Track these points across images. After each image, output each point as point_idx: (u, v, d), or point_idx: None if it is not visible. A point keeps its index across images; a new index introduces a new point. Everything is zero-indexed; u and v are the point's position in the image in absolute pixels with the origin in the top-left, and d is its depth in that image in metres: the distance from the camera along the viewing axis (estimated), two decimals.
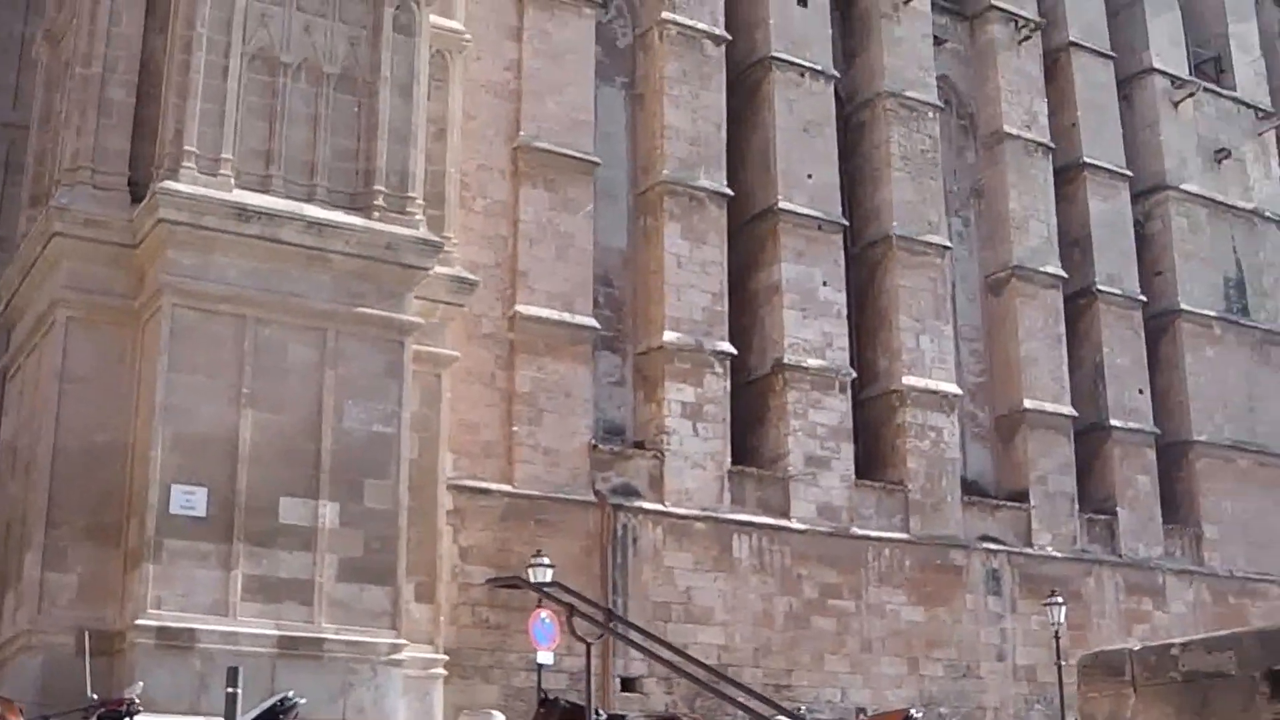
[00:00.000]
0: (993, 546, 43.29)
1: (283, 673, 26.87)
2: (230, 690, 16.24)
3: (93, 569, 27.66)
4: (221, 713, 25.64)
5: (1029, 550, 44.00)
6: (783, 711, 23.65)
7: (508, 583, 30.06)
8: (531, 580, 31.55)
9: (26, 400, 30.83)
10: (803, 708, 33.14)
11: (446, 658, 31.76)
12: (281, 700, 23.19)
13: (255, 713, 23.14)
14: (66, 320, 28.95)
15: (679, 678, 36.33)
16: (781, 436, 40.47)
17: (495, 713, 14.08)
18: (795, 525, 39.67)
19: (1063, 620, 38.87)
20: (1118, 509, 46.52)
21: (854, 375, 42.20)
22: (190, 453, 27.48)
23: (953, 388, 43.75)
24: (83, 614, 27.12)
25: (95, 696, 23.34)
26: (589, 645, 12.13)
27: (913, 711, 28.99)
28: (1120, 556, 46.01)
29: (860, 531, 40.83)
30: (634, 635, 16.08)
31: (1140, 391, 48.27)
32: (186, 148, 28.65)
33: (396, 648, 28.58)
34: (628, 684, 36.22)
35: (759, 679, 37.78)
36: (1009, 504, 44.63)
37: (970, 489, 44.32)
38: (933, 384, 43.25)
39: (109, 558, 27.80)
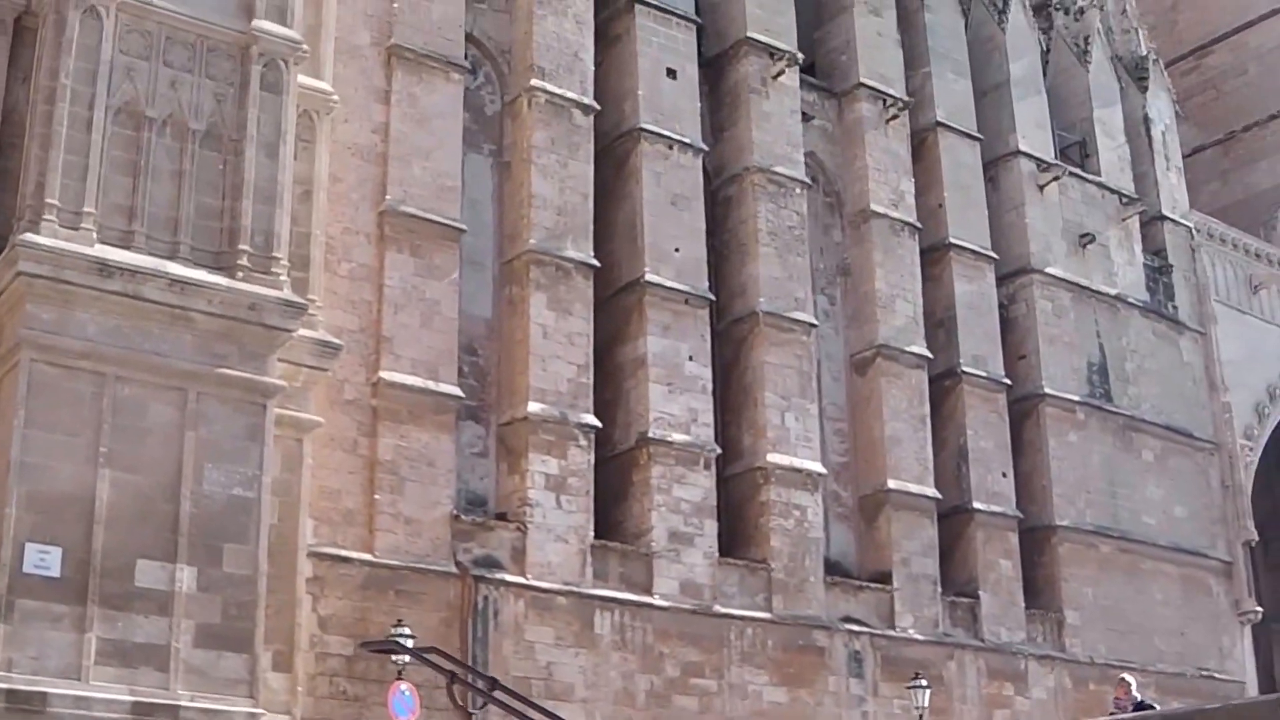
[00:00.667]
0: (855, 628, 42.91)
1: None
2: None
3: None
4: None
5: (891, 632, 43.68)
6: None
7: (382, 647, 29.44)
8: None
9: None
10: None
11: None
12: None
13: None
14: None
15: None
16: (645, 511, 39.98)
17: None
18: (658, 602, 39.15)
19: (926, 704, 38.68)
20: (980, 592, 46.36)
21: (719, 451, 41.81)
22: (45, 511, 26.60)
23: (817, 466, 43.44)
24: None
25: None
26: (471, 715, 11.60)
27: None
28: (982, 640, 45.84)
29: (723, 610, 40.30)
30: (517, 705, 15.57)
31: (1004, 475, 48.25)
32: (48, 200, 27.90)
33: (254, 717, 27.76)
34: None
35: None
36: (872, 585, 44.28)
37: (833, 569, 43.97)
38: (798, 462, 42.91)
39: None
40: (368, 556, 34.84)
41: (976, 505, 47.07)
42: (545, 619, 37.09)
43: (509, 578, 36.86)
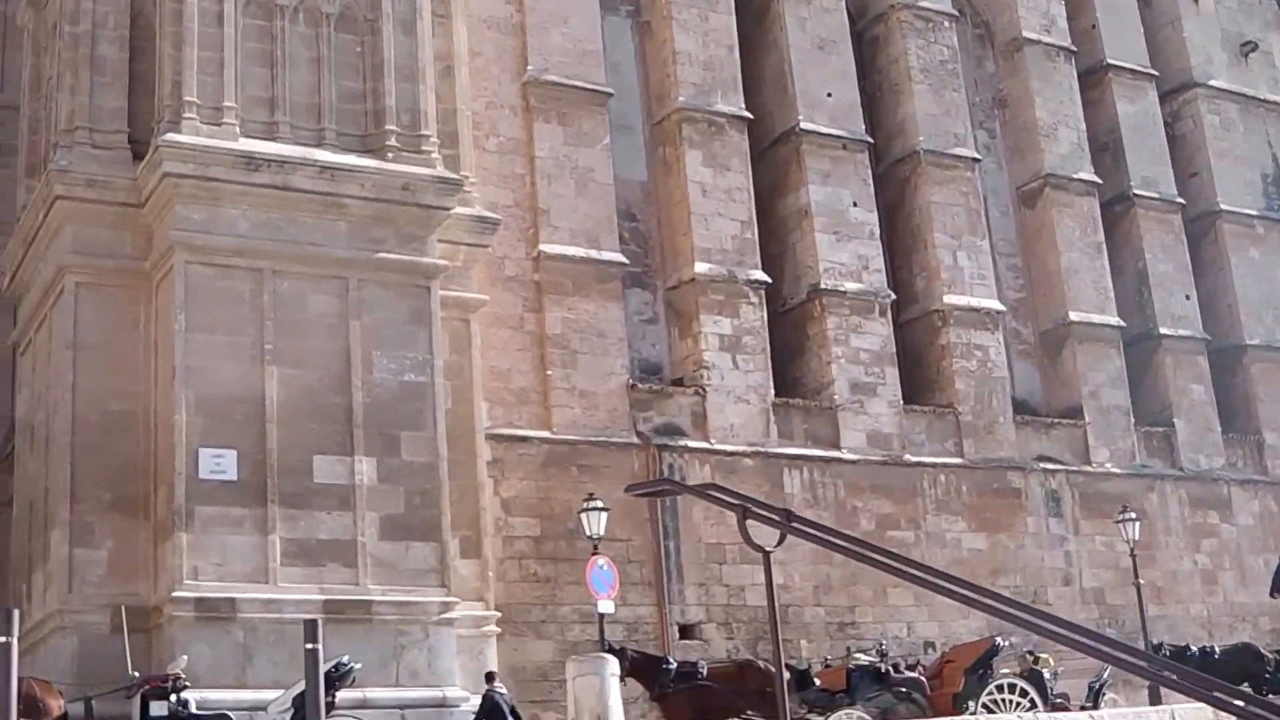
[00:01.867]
0: (1050, 466, 41.67)
1: (330, 639, 25.11)
2: (310, 646, 14.61)
3: (122, 543, 26.28)
4: (267, 684, 24.44)
5: (1087, 468, 42.35)
6: None
7: (649, 489, 28.36)
8: (588, 527, 30.13)
9: (39, 374, 29.32)
10: (882, 643, 31.48)
11: (499, 614, 30.37)
12: (335, 666, 21.82)
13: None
14: (75, 287, 27.55)
15: (739, 624, 35.05)
16: (824, 365, 38.94)
17: (608, 656, 12.76)
18: (846, 455, 38.13)
19: (1136, 536, 37.19)
20: (1174, 420, 44.86)
21: (893, 297, 40.62)
22: (215, 415, 26.05)
23: (995, 304, 42.14)
24: (115, 590, 25.80)
25: (138, 674, 22.02)
26: (767, 554, 10.57)
27: (999, 640, 27.50)
28: (1181, 470, 44.36)
29: (913, 458, 39.25)
30: (817, 534, 14.68)
31: (1187, 297, 46.59)
32: (186, 98, 27.22)
33: (447, 606, 27.12)
34: (686, 631, 34.74)
35: (821, 618, 36.52)
36: (1062, 421, 42.93)
37: (1021, 408, 42.66)
38: (974, 301, 41.65)
39: (137, 530, 26.42)
40: (546, 434, 34.10)
41: (1162, 331, 45.48)
42: (732, 482, 35.91)
43: (692, 444, 36.01)
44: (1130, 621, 40.95)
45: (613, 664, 13.80)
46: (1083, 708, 33.28)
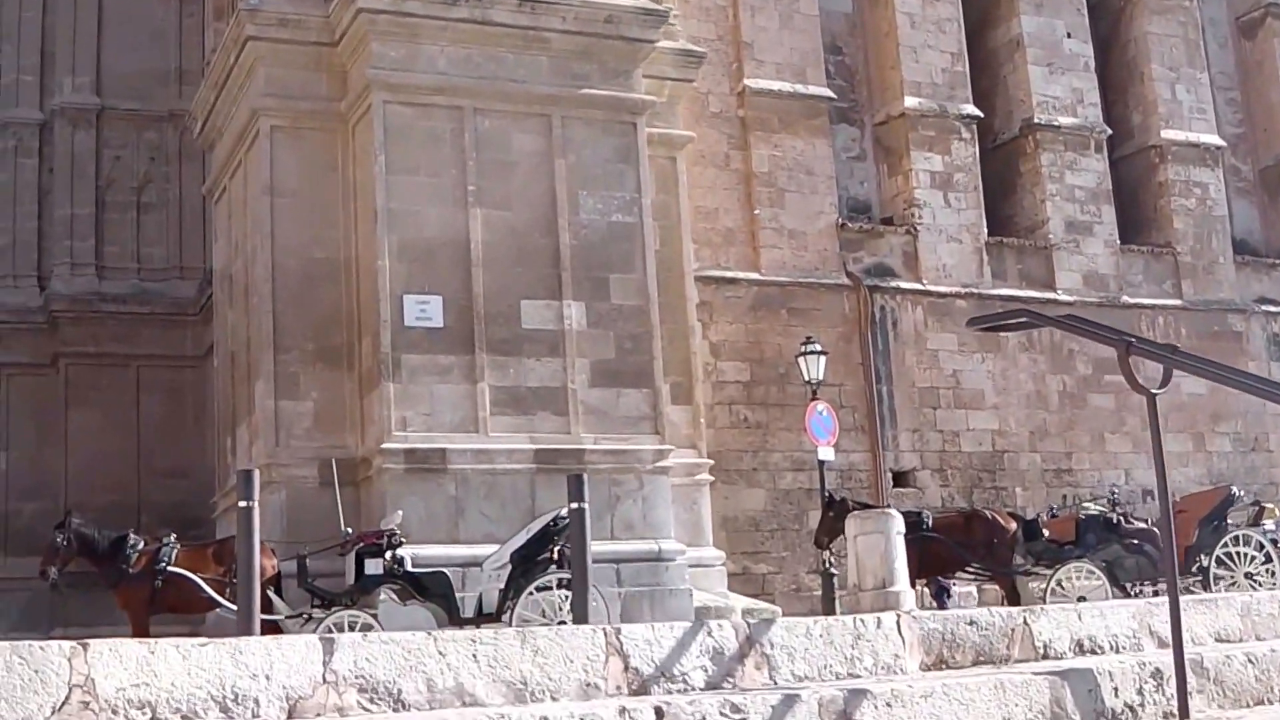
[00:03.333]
0: (1272, 309, 39.96)
1: (542, 490, 24.58)
2: (577, 506, 13.39)
3: (327, 395, 25.41)
4: (478, 538, 23.62)
5: None
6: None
7: (993, 323, 27.25)
8: (806, 371, 29.02)
9: (235, 222, 28.48)
10: (1114, 491, 30.13)
11: (712, 462, 29.36)
12: (555, 520, 20.87)
13: (529, 534, 20.93)
14: (270, 130, 26.40)
15: (953, 470, 33.93)
16: (1038, 202, 37.48)
17: (893, 512, 11.65)
18: (1062, 297, 36.59)
19: None
20: None
21: (1109, 132, 38.90)
22: (419, 260, 25.03)
23: (1215, 139, 40.36)
24: (321, 443, 24.98)
25: (350, 530, 21.16)
26: (1153, 396, 9.27)
27: (1234, 490, 26.11)
28: None
29: (1130, 300, 37.71)
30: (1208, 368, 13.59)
31: None
32: None
33: (662, 454, 26.05)
34: (899, 478, 33.73)
35: (1037, 464, 35.36)
36: None
37: (1240, 248, 40.85)
38: (1193, 137, 39.89)
39: (343, 381, 25.54)
40: (755, 275, 33.02)
41: None
42: (946, 325, 34.87)
43: (904, 284, 34.82)
44: None
45: (899, 521, 12.64)
46: None
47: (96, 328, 37.86)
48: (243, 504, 10.69)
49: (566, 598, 20.24)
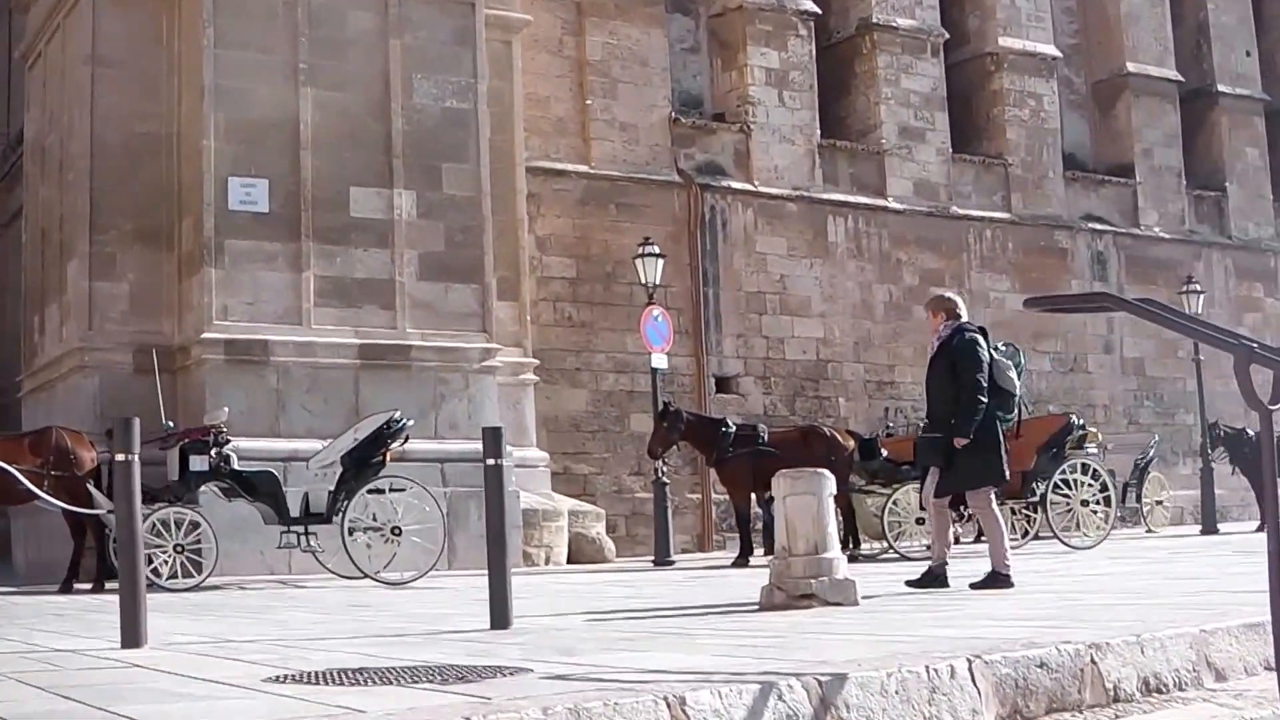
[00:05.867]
0: (1098, 227, 39.74)
1: (366, 387, 23.77)
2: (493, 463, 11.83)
3: (144, 277, 24.20)
4: (300, 432, 22.69)
5: (1136, 231, 40.42)
6: None
7: (1055, 305, 26.32)
8: (643, 274, 28.20)
9: (51, 91, 26.98)
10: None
11: (537, 362, 28.57)
12: (388, 423, 19.98)
13: (360, 436, 19.98)
14: None
15: (777, 378, 33.41)
16: (871, 105, 36.78)
17: (825, 473, 11.03)
18: (892, 205, 36.10)
19: (1200, 310, 34.70)
20: (1226, 184, 42.79)
21: (946, 36, 38.19)
22: (246, 141, 23.83)
23: (1051, 49, 39.83)
24: (138, 328, 23.85)
25: (172, 424, 20.10)
26: (1268, 412, 8.45)
27: (1073, 418, 25.78)
28: (1230, 238, 42.50)
29: (960, 211, 37.23)
30: None
31: (1248, 54, 44.14)
32: None
33: (490, 353, 25.24)
34: (722, 384, 33.04)
35: (860, 375, 34.86)
36: (1113, 179, 40.85)
37: (1070, 163, 40.46)
38: (1030, 45, 39.37)
39: (161, 263, 24.35)
40: (584, 168, 32.00)
41: (1220, 88, 43.18)
42: (776, 229, 34.19)
43: (735, 184, 33.91)
44: (1169, 395, 39.48)
45: (830, 482, 11.88)
46: (1127, 485, 31.97)
47: None
48: (120, 457, 9.61)
49: (397, 501, 19.78)
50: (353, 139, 24.68)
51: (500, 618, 10.40)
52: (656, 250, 28.23)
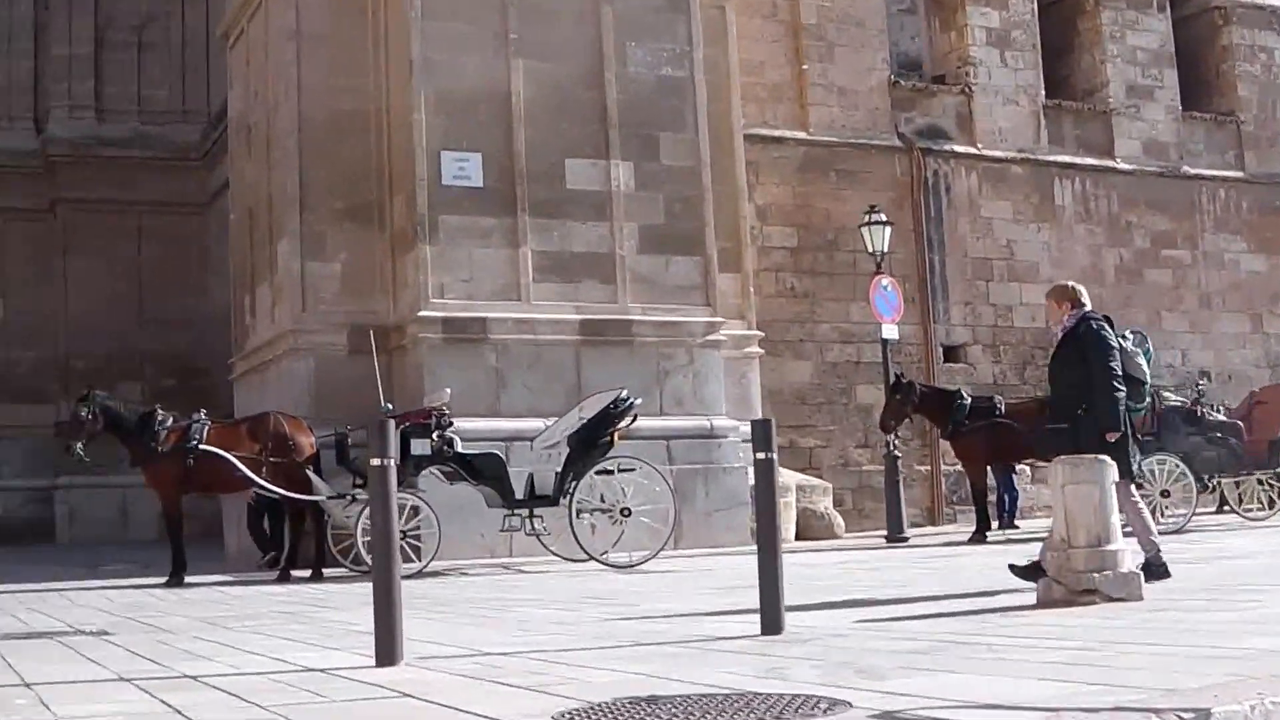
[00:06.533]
0: None
1: (587, 363, 22.95)
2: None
3: (356, 256, 23.54)
4: (521, 411, 21.94)
5: None
6: None
7: None
8: (870, 243, 27.15)
9: (255, 68, 26.39)
10: (1200, 382, 28.28)
11: (762, 334, 27.62)
12: (615, 402, 19.13)
13: (585, 415, 19.18)
14: None
15: (1006, 346, 32.27)
16: (1097, 63, 35.46)
17: (1108, 460, 10.22)
18: (1121, 165, 34.67)
19: None
20: None
21: None
22: (456, 114, 23.09)
23: None
24: (351, 308, 23.21)
25: (391, 406, 19.39)
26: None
27: None
28: None
29: (1191, 170, 35.70)
30: None
31: None
32: None
33: (713, 327, 24.33)
34: (950, 353, 31.92)
35: None
36: None
37: None
38: None
39: (373, 242, 23.67)
40: (802, 135, 30.99)
41: None
42: (1001, 192, 32.96)
43: (958, 148, 32.73)
44: None
45: (1114, 470, 10.92)
46: None
47: (95, 172, 36.65)
48: (376, 462, 8.85)
49: (626, 481, 19.23)
50: (565, 110, 23.85)
51: (772, 623, 9.67)
52: (883, 217, 27.13)
